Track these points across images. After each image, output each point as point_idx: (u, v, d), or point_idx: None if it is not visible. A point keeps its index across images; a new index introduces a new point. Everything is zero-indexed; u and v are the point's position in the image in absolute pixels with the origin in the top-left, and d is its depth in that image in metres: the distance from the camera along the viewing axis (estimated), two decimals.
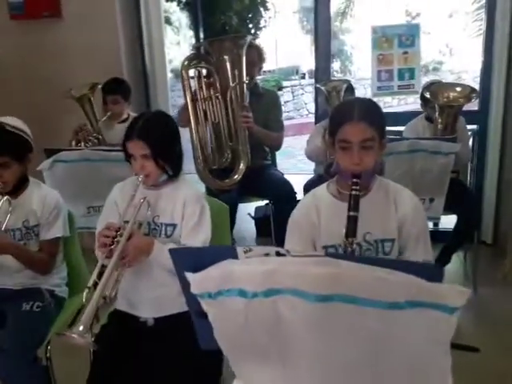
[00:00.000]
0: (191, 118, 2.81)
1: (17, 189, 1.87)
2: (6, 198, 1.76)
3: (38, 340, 1.76)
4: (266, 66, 3.26)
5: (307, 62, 13.38)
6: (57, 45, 3.48)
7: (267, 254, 0.97)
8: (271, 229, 3.26)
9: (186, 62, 2.80)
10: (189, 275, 1.00)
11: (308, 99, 11.76)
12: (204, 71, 2.81)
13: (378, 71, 3.65)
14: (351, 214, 1.42)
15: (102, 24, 3.41)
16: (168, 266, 1.63)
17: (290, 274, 0.94)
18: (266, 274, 0.95)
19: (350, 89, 3.02)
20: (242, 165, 2.98)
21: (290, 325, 0.99)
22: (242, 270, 0.97)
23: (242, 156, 2.95)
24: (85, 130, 2.92)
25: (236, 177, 2.98)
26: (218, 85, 2.82)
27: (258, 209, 4.06)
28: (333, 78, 3.91)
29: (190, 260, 1.01)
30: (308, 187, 3.21)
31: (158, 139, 1.67)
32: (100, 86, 3.03)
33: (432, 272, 0.93)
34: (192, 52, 2.99)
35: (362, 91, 9.28)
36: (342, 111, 1.56)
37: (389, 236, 1.52)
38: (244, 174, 2.95)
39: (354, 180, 1.45)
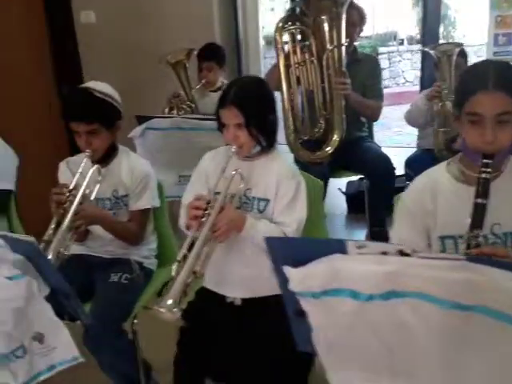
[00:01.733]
0: (283, 84, 2.62)
1: (106, 157, 1.82)
2: (96, 166, 1.71)
3: (125, 313, 1.72)
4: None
5: (406, 27, 12.52)
6: (152, 11, 3.44)
7: (385, 253, 0.79)
8: (365, 206, 3.07)
9: (280, 24, 2.61)
10: (288, 270, 0.85)
11: (405, 67, 11.05)
12: (299, 33, 2.61)
13: (494, 35, 3.23)
14: (479, 201, 1.18)
15: None
16: (260, 244, 1.56)
17: (420, 277, 0.77)
18: (388, 276, 0.78)
19: (463, 54, 2.70)
20: (335, 136, 2.77)
21: (415, 331, 0.83)
22: (354, 269, 0.81)
23: (336, 126, 2.74)
24: (178, 98, 2.85)
25: (328, 149, 2.78)
26: (313, 48, 2.61)
27: (349, 184, 3.83)
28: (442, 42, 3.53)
29: (289, 251, 0.87)
30: (410, 163, 2.96)
31: (253, 107, 1.55)
32: (195, 53, 2.92)
33: None
34: (287, 13, 2.77)
35: (471, 58, 8.48)
36: (472, 77, 1.29)
37: None
38: (337, 146, 2.75)
39: (485, 161, 1.21)
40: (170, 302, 1.30)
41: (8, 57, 3.16)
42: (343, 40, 2.59)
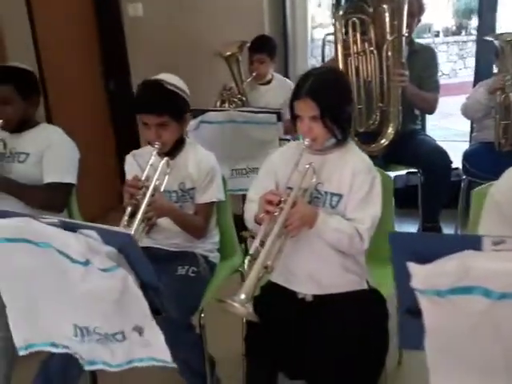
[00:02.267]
0: None
1: (173, 150, 1.80)
2: (165, 159, 1.69)
3: (193, 306, 1.70)
4: None
5: (442, 19, 12.21)
6: (200, 3, 3.40)
7: None
8: (415, 201, 2.98)
9: (340, 12, 2.57)
10: (413, 267, 0.80)
11: (441, 59, 10.79)
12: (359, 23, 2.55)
13: None
14: None
15: None
16: (331, 241, 1.52)
17: None
18: None
19: None
20: (390, 129, 2.73)
21: None
22: (488, 266, 0.75)
23: (391, 119, 2.69)
24: (230, 91, 2.82)
25: (383, 141, 2.74)
26: (373, 38, 2.56)
27: (397, 178, 3.73)
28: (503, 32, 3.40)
29: (414, 247, 0.81)
30: (468, 156, 2.87)
31: (330, 99, 1.50)
32: (248, 45, 2.88)
33: None
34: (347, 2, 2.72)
35: None
36: None
37: None
38: (392, 139, 2.69)
39: None
40: (242, 296, 1.27)
41: (57, 52, 3.18)
42: (404, 30, 2.53)
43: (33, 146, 1.98)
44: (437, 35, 12.25)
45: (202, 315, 1.73)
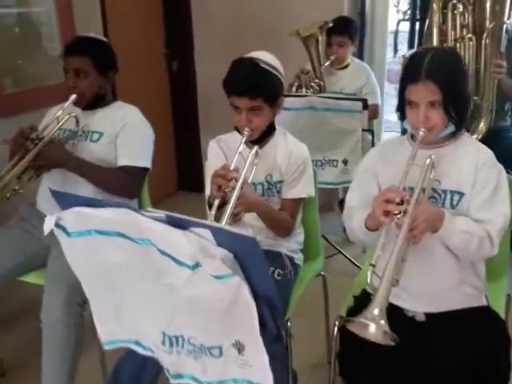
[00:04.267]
0: None
1: (262, 137, 1.62)
2: (255, 148, 1.50)
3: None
4: None
5: None
6: None
7: None
8: None
9: None
10: None
11: None
12: (459, 7, 2.29)
13: None
14: None
15: None
16: (457, 246, 1.30)
17: None
18: None
19: None
20: (482, 124, 2.47)
21: None
22: None
23: (484, 113, 2.44)
24: (307, 75, 2.61)
25: (475, 137, 2.48)
26: (471, 24, 2.29)
27: None
28: None
29: None
30: None
31: (451, 82, 1.31)
32: (331, 25, 2.66)
33: None
34: None
35: None
36: None
37: None
38: (485, 134, 2.42)
39: None
40: (376, 311, 1.09)
41: (123, 29, 3.04)
42: (506, 17, 2.27)
43: (107, 125, 1.83)
44: None
45: (289, 324, 1.55)
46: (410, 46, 4.07)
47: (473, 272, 1.39)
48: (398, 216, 1.22)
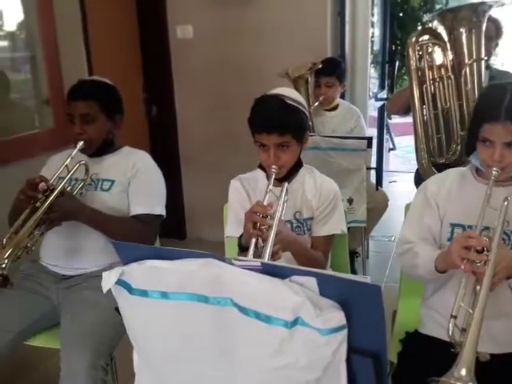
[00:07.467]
0: (416, 102, 2.42)
1: (289, 174, 1.60)
2: (285, 184, 1.47)
3: None
4: None
5: None
6: (255, 24, 3.19)
7: None
8: None
9: (413, 39, 2.42)
10: None
11: None
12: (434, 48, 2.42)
13: None
14: None
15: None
16: None
17: None
18: None
19: None
20: None
21: None
22: None
23: None
24: None
25: None
26: (449, 63, 2.41)
27: None
28: None
29: None
30: None
31: None
32: (320, 67, 2.71)
33: None
34: (421, 27, 2.59)
35: None
36: None
37: None
38: None
39: None
40: (463, 372, 1.03)
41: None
42: (483, 54, 2.41)
43: (118, 173, 1.75)
44: None
45: None
46: (381, 87, 4.25)
47: None
48: (479, 264, 1.19)
